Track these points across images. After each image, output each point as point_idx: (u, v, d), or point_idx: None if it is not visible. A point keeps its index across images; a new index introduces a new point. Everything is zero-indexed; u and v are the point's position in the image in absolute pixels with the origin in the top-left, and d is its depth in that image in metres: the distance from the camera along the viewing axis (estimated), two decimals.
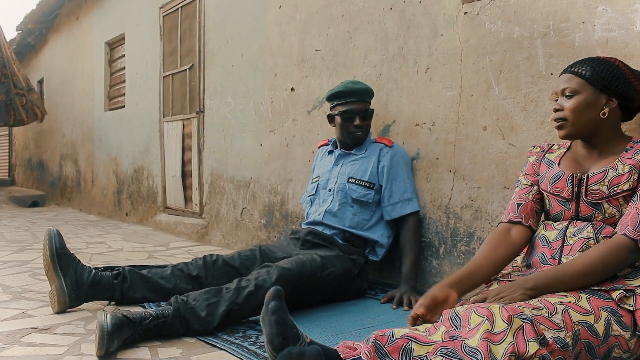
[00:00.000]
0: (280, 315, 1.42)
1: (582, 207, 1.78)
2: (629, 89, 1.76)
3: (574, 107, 1.76)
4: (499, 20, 2.47)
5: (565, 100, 1.79)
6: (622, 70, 1.76)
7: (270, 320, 1.42)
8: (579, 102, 1.76)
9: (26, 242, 4.48)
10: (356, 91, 2.81)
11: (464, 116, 2.63)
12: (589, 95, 1.75)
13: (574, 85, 1.77)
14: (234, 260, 2.63)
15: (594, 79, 1.75)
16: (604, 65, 1.76)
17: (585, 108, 1.76)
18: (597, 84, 1.75)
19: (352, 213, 2.75)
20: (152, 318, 2.00)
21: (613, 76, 1.75)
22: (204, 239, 4.62)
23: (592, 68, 1.76)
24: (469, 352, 1.34)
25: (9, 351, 1.90)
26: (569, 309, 1.51)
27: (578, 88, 1.76)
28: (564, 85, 1.79)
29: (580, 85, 1.76)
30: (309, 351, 1.33)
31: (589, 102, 1.75)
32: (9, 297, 2.65)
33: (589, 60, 1.80)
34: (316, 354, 1.32)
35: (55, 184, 8.95)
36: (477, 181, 2.58)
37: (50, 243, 2.38)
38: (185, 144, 5.05)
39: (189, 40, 4.97)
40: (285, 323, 1.41)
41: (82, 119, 7.67)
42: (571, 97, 1.77)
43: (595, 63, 1.77)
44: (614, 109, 1.77)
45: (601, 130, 1.79)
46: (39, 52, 9.93)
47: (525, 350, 1.34)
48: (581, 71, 1.77)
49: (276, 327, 1.41)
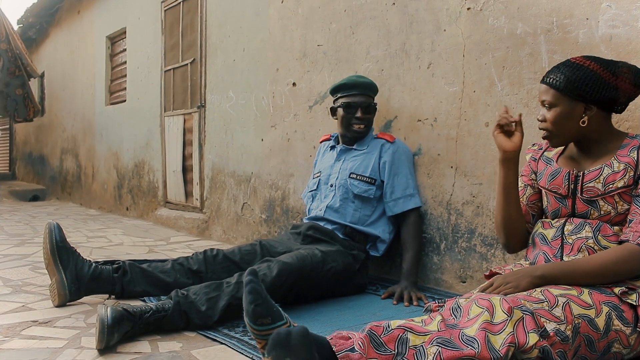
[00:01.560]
0: (253, 286, 1.43)
1: (578, 204, 1.78)
2: (606, 92, 1.71)
3: (553, 120, 1.76)
4: (502, 16, 2.46)
5: (546, 111, 1.78)
6: (597, 74, 1.71)
7: (245, 292, 1.44)
8: (557, 114, 1.75)
9: (26, 235, 4.48)
10: (360, 84, 2.81)
11: (466, 112, 2.62)
12: (565, 106, 1.74)
13: (549, 98, 1.75)
14: (235, 254, 2.62)
15: (568, 90, 1.72)
16: (578, 73, 1.71)
17: (564, 120, 1.75)
18: (572, 95, 1.72)
19: (354, 209, 2.75)
20: (153, 312, 1.99)
21: (587, 84, 1.70)
22: (204, 233, 4.62)
23: (566, 78, 1.72)
24: (466, 340, 1.35)
25: (9, 344, 1.89)
26: (570, 301, 1.52)
27: (554, 100, 1.75)
28: (542, 97, 1.78)
29: (555, 97, 1.74)
30: (295, 331, 1.33)
31: (566, 114, 1.74)
32: (9, 290, 2.65)
33: (563, 67, 1.76)
34: (303, 332, 1.33)
35: (55, 178, 8.95)
36: (479, 177, 2.57)
37: (50, 236, 2.37)
38: (186, 139, 5.04)
39: (190, 34, 4.96)
40: (258, 293, 1.43)
41: (83, 113, 7.67)
42: (550, 109, 1.77)
43: (569, 71, 1.73)
44: (594, 114, 1.74)
45: (588, 135, 1.78)
46: (40, 46, 9.92)
47: (525, 341, 1.35)
48: (555, 82, 1.74)
49: (249, 295, 1.42)
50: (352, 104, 2.80)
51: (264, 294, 1.44)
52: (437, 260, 2.76)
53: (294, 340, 1.31)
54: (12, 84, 8.20)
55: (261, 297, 1.43)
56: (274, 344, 1.32)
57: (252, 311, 1.41)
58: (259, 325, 1.41)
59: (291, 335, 1.32)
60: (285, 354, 1.31)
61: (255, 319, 1.41)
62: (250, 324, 1.42)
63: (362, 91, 2.82)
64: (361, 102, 2.80)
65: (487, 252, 2.52)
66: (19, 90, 8.21)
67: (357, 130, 2.83)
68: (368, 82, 2.84)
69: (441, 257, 2.74)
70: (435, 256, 2.77)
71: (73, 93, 8.08)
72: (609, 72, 1.71)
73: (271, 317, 1.41)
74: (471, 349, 1.33)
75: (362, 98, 2.81)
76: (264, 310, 1.41)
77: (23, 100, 8.33)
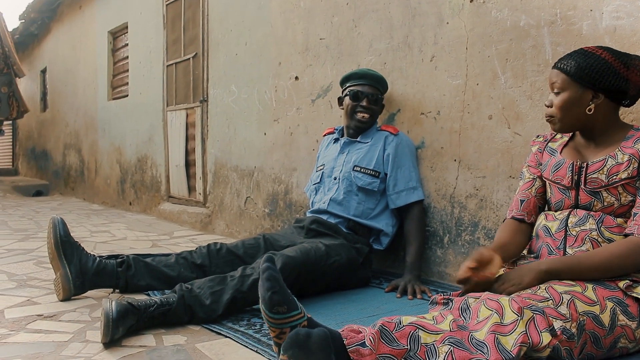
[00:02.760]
0: (271, 273, 1.43)
1: (581, 196, 1.78)
2: (616, 82, 1.71)
3: (560, 105, 1.76)
4: (506, 8, 2.45)
5: (554, 96, 1.78)
6: (608, 63, 1.71)
7: (262, 279, 1.44)
8: (564, 99, 1.75)
9: (30, 230, 4.49)
10: (370, 75, 2.84)
11: (470, 105, 2.62)
12: (574, 92, 1.74)
13: (559, 82, 1.76)
14: (238, 248, 2.62)
15: (578, 76, 1.72)
16: (590, 60, 1.72)
17: (571, 105, 1.75)
18: (581, 81, 1.72)
19: (357, 202, 2.75)
20: (157, 306, 2.00)
21: (598, 72, 1.71)
22: (207, 228, 4.62)
23: (577, 64, 1.73)
24: (475, 344, 1.34)
25: (15, 337, 1.90)
26: (575, 298, 1.51)
27: (563, 85, 1.75)
28: (552, 81, 1.79)
29: (565, 82, 1.75)
30: (315, 333, 1.32)
31: (574, 100, 1.74)
32: (14, 284, 2.66)
33: (575, 54, 1.77)
34: (323, 336, 1.31)
35: (58, 173, 8.96)
36: (482, 170, 2.57)
37: (54, 231, 2.38)
38: (188, 133, 5.04)
39: (192, 29, 4.95)
40: (276, 280, 1.43)
41: (85, 108, 7.67)
42: (558, 94, 1.77)
43: (581, 58, 1.74)
44: (601, 103, 1.74)
45: (593, 124, 1.78)
46: (42, 42, 9.92)
47: (539, 341, 1.34)
48: (566, 67, 1.75)
49: (267, 282, 1.42)
50: (359, 92, 2.81)
51: (281, 281, 1.43)
52: (441, 254, 2.76)
53: (313, 343, 1.30)
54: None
55: (278, 285, 1.42)
56: (292, 343, 1.30)
57: (268, 298, 1.41)
58: (274, 313, 1.41)
59: (311, 338, 1.31)
60: (303, 355, 1.29)
61: (272, 306, 1.40)
62: (266, 312, 1.42)
63: (370, 82, 2.83)
64: (368, 92, 2.81)
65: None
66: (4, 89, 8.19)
67: (360, 120, 2.83)
68: (378, 76, 2.87)
69: (445, 250, 2.74)
70: (439, 249, 2.77)
71: (75, 88, 8.08)
72: (621, 63, 1.72)
73: (287, 306, 1.41)
74: (481, 353, 1.32)
75: (369, 89, 2.82)
76: (280, 298, 1.41)
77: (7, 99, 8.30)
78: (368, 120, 2.83)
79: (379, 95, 2.86)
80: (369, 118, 2.83)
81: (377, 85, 2.86)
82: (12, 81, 8.29)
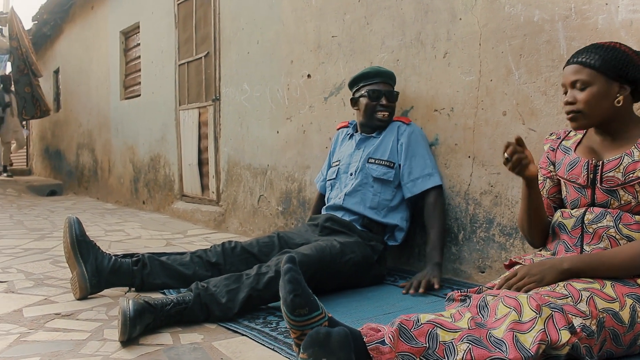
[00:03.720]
0: (293, 275, 1.42)
1: (597, 194, 1.76)
2: (638, 73, 1.71)
3: (588, 99, 1.71)
4: (519, 3, 2.44)
5: (577, 92, 1.73)
6: (628, 55, 1.71)
7: (284, 281, 1.43)
8: (593, 93, 1.70)
9: (46, 230, 4.53)
10: (383, 73, 2.84)
11: (483, 101, 2.60)
12: (602, 85, 1.70)
13: (584, 77, 1.71)
14: (253, 247, 2.63)
15: (605, 68, 1.69)
16: (612, 53, 1.71)
17: (600, 99, 1.70)
18: (608, 73, 1.69)
19: (373, 193, 2.73)
20: (173, 304, 2.01)
21: (622, 63, 1.69)
22: (221, 226, 4.64)
23: (601, 57, 1.70)
24: (494, 342, 1.34)
25: (34, 336, 1.92)
26: (594, 295, 1.50)
27: (590, 79, 1.71)
28: (574, 77, 1.73)
29: (591, 76, 1.71)
30: (335, 332, 1.32)
31: (603, 93, 1.70)
32: (32, 283, 2.68)
33: (593, 48, 1.75)
34: (343, 334, 1.31)
35: (72, 173, 9.03)
36: (497, 167, 2.56)
37: (70, 231, 2.39)
38: (201, 132, 5.06)
39: (204, 28, 4.96)
40: (298, 282, 1.42)
41: (98, 108, 7.72)
42: (584, 89, 1.72)
43: (601, 51, 1.72)
44: (627, 95, 1.73)
45: (615, 118, 1.75)
46: (55, 43, 9.99)
47: (558, 339, 1.33)
48: (590, 61, 1.71)
49: (289, 285, 1.41)
50: (378, 91, 2.80)
51: (303, 283, 1.42)
52: (456, 251, 2.75)
53: (333, 342, 1.30)
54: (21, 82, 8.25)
55: (300, 287, 1.41)
56: (312, 342, 1.30)
57: (290, 301, 1.40)
58: (296, 315, 1.40)
59: (331, 337, 1.31)
60: (322, 354, 1.29)
61: (294, 309, 1.40)
62: (288, 314, 1.41)
63: (385, 79, 2.83)
64: (385, 90, 2.82)
65: (506, 242, 2.51)
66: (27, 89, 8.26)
67: (381, 119, 2.82)
68: (390, 72, 2.87)
69: (459, 247, 2.73)
70: (454, 246, 2.76)
71: (88, 88, 8.13)
72: (638, 57, 1.72)
73: (308, 307, 1.40)
74: (499, 351, 1.32)
75: (386, 86, 2.83)
76: (302, 301, 1.40)
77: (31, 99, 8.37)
78: (388, 117, 2.83)
79: (394, 91, 2.86)
80: (388, 116, 2.83)
81: (391, 81, 2.86)
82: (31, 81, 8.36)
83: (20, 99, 8.31)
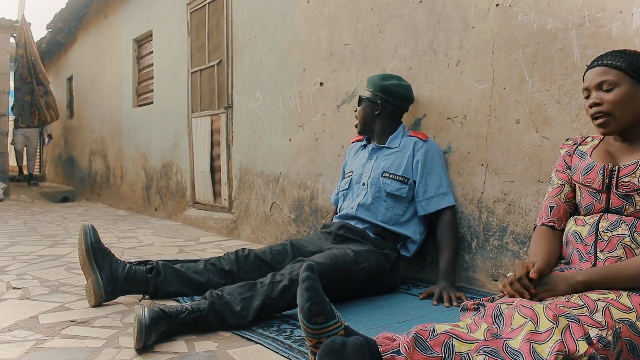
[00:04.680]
0: (311, 283, 1.43)
1: (612, 199, 1.75)
2: None
3: (617, 100, 1.70)
4: (532, 11, 2.44)
5: (604, 94, 1.72)
6: None
7: (301, 289, 1.44)
8: (621, 94, 1.70)
9: (59, 236, 4.56)
10: (368, 79, 2.97)
11: (496, 109, 2.60)
12: (629, 86, 1.70)
13: (612, 78, 1.71)
14: (266, 254, 2.64)
15: (631, 70, 1.70)
16: (636, 57, 1.72)
17: (628, 100, 1.70)
18: (635, 75, 1.70)
19: (385, 207, 2.75)
20: (188, 312, 2.02)
21: None
22: (233, 233, 4.65)
23: (627, 59, 1.71)
24: (510, 353, 1.33)
25: (50, 343, 1.94)
26: (610, 305, 1.48)
27: (617, 80, 1.71)
28: (600, 79, 1.73)
29: (618, 77, 1.71)
30: (351, 342, 1.32)
31: (631, 94, 1.70)
32: (47, 290, 2.70)
33: (616, 52, 1.75)
34: (359, 344, 1.32)
35: (84, 179, 9.09)
36: (510, 175, 2.55)
37: (85, 238, 2.41)
38: (213, 139, 5.08)
39: (216, 36, 5.00)
40: (315, 290, 1.42)
41: (111, 115, 7.78)
42: (611, 90, 1.71)
43: (626, 54, 1.73)
44: None
45: (635, 123, 1.75)
46: (68, 50, 10.08)
47: (576, 349, 1.32)
48: (616, 63, 1.71)
49: (306, 293, 1.42)
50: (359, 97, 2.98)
51: (320, 291, 1.43)
52: (469, 259, 2.75)
53: (349, 351, 1.30)
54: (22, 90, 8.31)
55: (318, 295, 1.42)
56: (328, 351, 1.31)
57: (307, 309, 1.41)
58: (312, 323, 1.40)
59: (347, 346, 1.31)
60: None
61: (310, 317, 1.40)
62: (304, 322, 1.42)
63: (367, 84, 2.96)
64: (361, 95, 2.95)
65: (520, 250, 2.50)
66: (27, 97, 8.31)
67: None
68: (373, 77, 2.93)
69: (473, 255, 2.73)
70: (467, 254, 2.76)
71: (101, 95, 8.20)
72: None
73: (325, 316, 1.41)
74: None
75: (364, 92, 2.96)
76: (319, 309, 1.40)
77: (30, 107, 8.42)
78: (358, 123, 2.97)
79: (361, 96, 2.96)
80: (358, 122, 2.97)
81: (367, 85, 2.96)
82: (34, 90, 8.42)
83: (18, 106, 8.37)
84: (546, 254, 1.81)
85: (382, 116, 2.89)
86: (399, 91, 2.87)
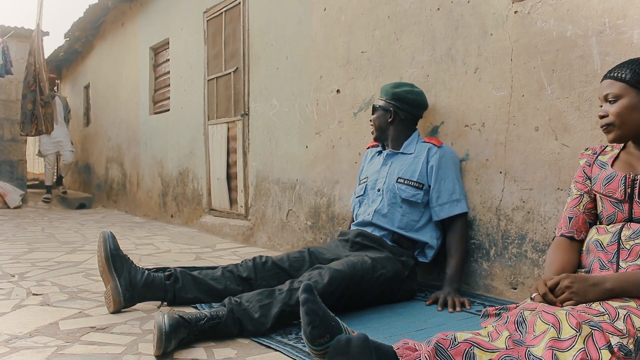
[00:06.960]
0: (310, 306, 1.45)
1: (635, 209, 1.73)
2: None
3: (619, 112, 1.74)
4: (551, 18, 2.43)
5: (609, 105, 1.77)
6: None
7: (302, 312, 1.46)
8: (623, 106, 1.73)
9: (77, 243, 4.60)
10: (382, 88, 2.99)
11: (515, 117, 2.59)
12: (632, 98, 1.73)
13: (615, 90, 1.75)
14: (283, 261, 2.64)
15: (635, 81, 1.72)
16: None
17: (630, 111, 1.73)
18: (639, 86, 1.72)
19: (401, 214, 2.74)
20: (207, 319, 2.02)
21: None
22: (249, 240, 4.66)
23: (632, 70, 1.73)
24: None
25: (71, 349, 1.95)
26: (631, 313, 1.47)
27: (620, 92, 1.74)
28: (606, 91, 1.77)
29: (622, 89, 1.74)
30: (355, 338, 1.36)
31: (633, 105, 1.73)
32: (66, 296, 2.72)
33: (628, 63, 1.77)
34: (362, 339, 1.35)
35: (101, 186, 9.16)
36: (529, 182, 2.54)
37: (105, 245, 2.43)
38: (230, 147, 5.10)
39: (233, 43, 5.03)
40: (315, 313, 1.44)
41: (127, 122, 7.84)
42: (615, 102, 1.75)
43: (634, 65, 1.74)
44: None
45: None
46: (86, 58, 10.19)
47: (598, 358, 1.31)
48: (621, 75, 1.75)
49: (306, 317, 1.44)
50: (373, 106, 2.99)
51: (320, 312, 1.45)
52: (487, 267, 2.73)
53: (354, 347, 1.33)
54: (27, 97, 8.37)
55: (318, 317, 1.44)
56: (334, 352, 1.35)
57: (309, 333, 1.43)
58: (317, 345, 1.44)
59: (351, 342, 1.34)
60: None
61: (313, 340, 1.43)
62: (308, 344, 1.45)
63: (380, 94, 2.98)
64: (374, 104, 2.97)
65: (539, 259, 2.48)
66: (30, 105, 8.37)
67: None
68: (385, 86, 2.96)
69: (491, 263, 2.71)
70: (485, 262, 2.74)
71: (117, 103, 8.27)
72: None
73: (329, 335, 1.43)
74: None
75: (377, 101, 2.98)
76: (321, 331, 1.43)
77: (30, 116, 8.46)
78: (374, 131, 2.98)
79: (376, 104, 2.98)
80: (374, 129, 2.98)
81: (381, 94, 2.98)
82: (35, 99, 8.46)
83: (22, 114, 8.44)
84: (559, 266, 1.82)
85: (395, 123, 2.89)
86: (411, 98, 2.87)
